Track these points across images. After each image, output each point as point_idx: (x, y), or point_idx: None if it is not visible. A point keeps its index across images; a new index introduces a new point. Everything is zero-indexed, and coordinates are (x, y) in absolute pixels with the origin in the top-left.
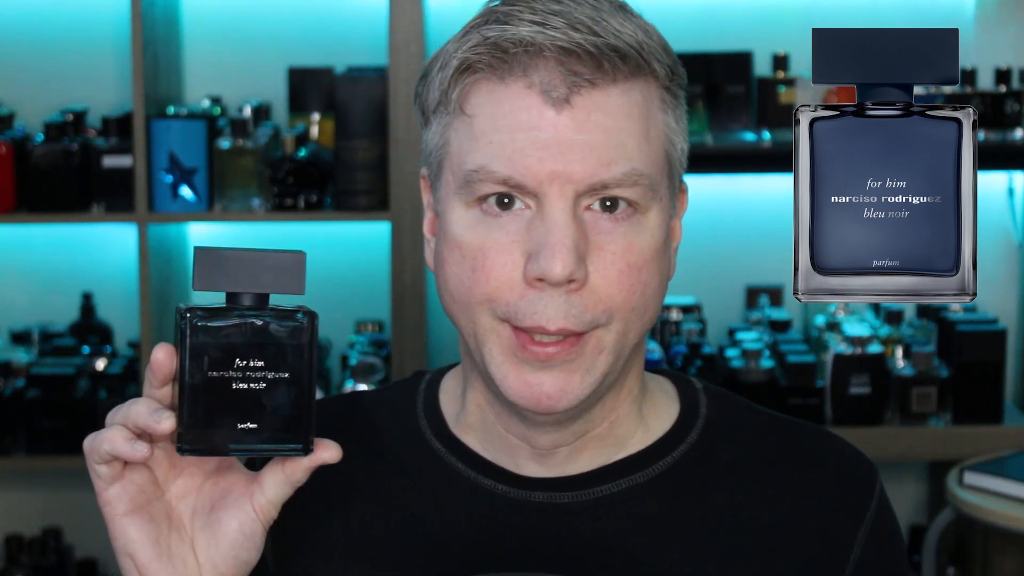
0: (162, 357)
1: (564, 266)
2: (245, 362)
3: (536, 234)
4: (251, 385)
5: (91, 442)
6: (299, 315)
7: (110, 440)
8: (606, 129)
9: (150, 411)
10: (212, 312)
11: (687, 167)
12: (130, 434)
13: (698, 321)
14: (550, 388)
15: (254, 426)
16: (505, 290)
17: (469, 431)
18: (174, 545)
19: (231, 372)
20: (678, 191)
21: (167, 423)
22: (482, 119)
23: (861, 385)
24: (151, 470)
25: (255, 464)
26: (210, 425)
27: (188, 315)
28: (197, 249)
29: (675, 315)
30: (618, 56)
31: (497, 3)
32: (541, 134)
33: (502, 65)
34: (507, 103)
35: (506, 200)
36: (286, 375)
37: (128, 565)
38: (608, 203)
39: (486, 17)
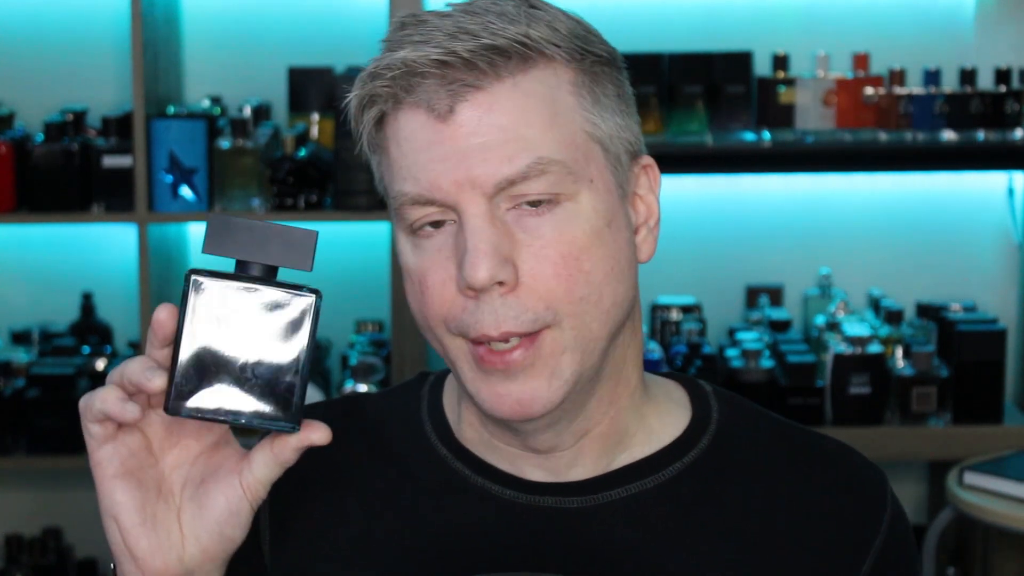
0: (164, 317)
1: (485, 269)
2: (243, 331)
3: (459, 245)
4: (246, 356)
5: (86, 401)
6: (304, 291)
7: (102, 399)
8: (501, 127)
9: (143, 368)
10: (218, 277)
11: (685, 167)
12: (123, 394)
13: (698, 321)
14: (519, 395)
15: (244, 396)
16: (448, 306)
17: (469, 440)
18: (160, 513)
19: (227, 339)
20: (634, 168)
21: (158, 380)
22: (392, 148)
23: (861, 385)
24: (145, 436)
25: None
26: (199, 389)
27: (193, 277)
28: (211, 216)
29: (675, 315)
30: (496, 54)
31: (395, 33)
32: (439, 148)
33: (389, 92)
34: (405, 127)
35: (437, 223)
36: (282, 350)
37: (112, 527)
38: (530, 202)
39: (382, 48)
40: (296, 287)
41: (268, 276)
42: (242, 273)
